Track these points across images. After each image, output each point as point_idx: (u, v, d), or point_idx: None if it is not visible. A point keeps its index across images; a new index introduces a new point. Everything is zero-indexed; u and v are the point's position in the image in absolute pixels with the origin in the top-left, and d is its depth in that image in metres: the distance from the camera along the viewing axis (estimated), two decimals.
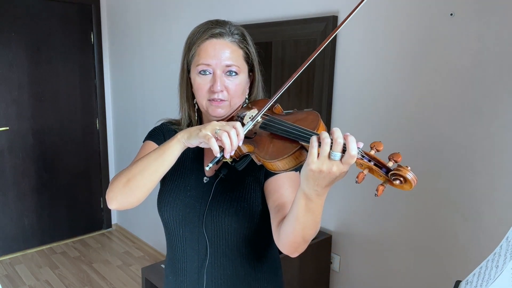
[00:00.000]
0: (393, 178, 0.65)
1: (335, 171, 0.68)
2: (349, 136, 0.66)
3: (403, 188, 0.66)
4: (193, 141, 0.84)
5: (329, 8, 1.93)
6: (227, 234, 0.99)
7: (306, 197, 0.74)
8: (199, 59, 0.96)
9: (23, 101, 3.29)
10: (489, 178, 1.50)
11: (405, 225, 1.78)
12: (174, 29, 2.90)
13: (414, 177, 0.64)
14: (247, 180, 1.00)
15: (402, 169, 0.65)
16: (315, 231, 0.82)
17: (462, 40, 1.51)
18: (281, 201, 0.92)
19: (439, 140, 1.62)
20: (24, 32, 3.21)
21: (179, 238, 1.05)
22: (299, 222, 0.78)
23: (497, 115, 1.46)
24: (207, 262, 1.02)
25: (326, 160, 0.67)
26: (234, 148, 0.79)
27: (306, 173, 0.70)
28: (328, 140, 0.67)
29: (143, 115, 3.38)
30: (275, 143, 0.81)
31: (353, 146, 0.66)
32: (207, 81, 0.97)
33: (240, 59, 0.99)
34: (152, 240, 3.53)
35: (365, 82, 1.84)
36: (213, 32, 0.96)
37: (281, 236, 0.85)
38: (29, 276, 3.08)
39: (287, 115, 0.90)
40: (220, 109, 0.98)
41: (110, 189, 0.94)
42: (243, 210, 0.98)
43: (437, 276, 1.69)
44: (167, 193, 1.04)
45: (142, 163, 0.90)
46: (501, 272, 0.64)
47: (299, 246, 0.84)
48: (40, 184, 3.47)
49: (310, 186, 0.71)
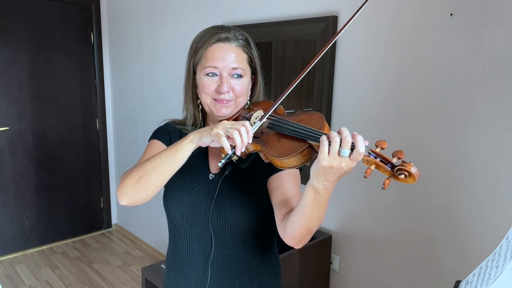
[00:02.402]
0: (398, 173, 0.72)
1: (344, 167, 0.75)
2: (357, 135, 0.73)
3: (406, 182, 0.72)
4: (205, 139, 0.89)
5: (329, 8, 1.93)
6: (232, 227, 1.05)
7: (315, 191, 0.80)
8: (206, 62, 1.02)
9: (23, 101, 3.29)
10: (489, 178, 1.50)
11: (405, 225, 1.78)
12: (174, 29, 2.90)
13: (417, 171, 0.71)
14: (251, 176, 1.06)
15: (407, 164, 0.71)
16: (320, 223, 0.88)
17: (462, 40, 1.51)
18: (284, 196, 0.98)
19: (439, 140, 1.62)
20: (24, 32, 3.21)
21: (185, 233, 1.10)
22: (306, 214, 0.84)
23: (497, 115, 1.46)
24: (211, 254, 1.07)
25: (336, 157, 0.74)
26: (244, 146, 0.84)
27: (317, 169, 0.76)
28: (337, 138, 0.73)
29: (143, 115, 3.38)
30: (283, 142, 0.87)
31: (361, 144, 0.72)
32: (214, 82, 1.03)
33: (245, 63, 1.05)
34: (152, 240, 3.53)
35: (365, 82, 1.84)
36: (220, 36, 1.02)
37: (287, 228, 0.91)
38: (29, 276, 3.08)
39: (291, 116, 0.96)
40: (225, 109, 1.04)
41: (121, 186, 0.97)
42: (247, 204, 1.03)
43: (437, 276, 1.69)
44: (174, 189, 1.09)
45: (154, 161, 0.95)
46: (501, 272, 0.64)
47: (304, 237, 0.90)
48: (40, 184, 3.47)
49: (320, 181, 0.78)
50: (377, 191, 1.86)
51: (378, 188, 1.83)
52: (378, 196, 1.86)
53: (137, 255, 3.45)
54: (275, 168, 1.00)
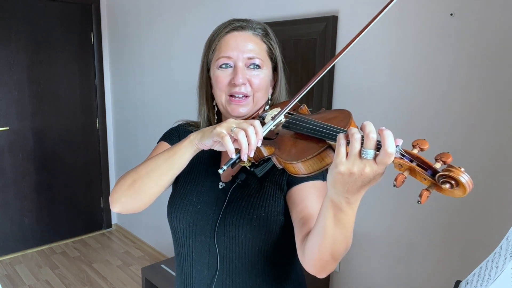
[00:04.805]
0: (441, 181, 0.55)
1: (368, 173, 0.57)
2: (384, 131, 0.55)
3: (453, 194, 0.56)
4: (206, 141, 0.75)
5: (329, 8, 1.93)
6: (241, 247, 0.88)
7: (335, 206, 0.64)
8: (220, 52, 0.89)
9: (23, 101, 3.29)
10: (489, 177, 1.50)
11: (405, 225, 1.78)
12: (173, 29, 2.90)
13: (469, 180, 0.54)
14: (267, 186, 0.90)
15: (454, 169, 0.54)
16: (346, 248, 0.70)
17: (462, 40, 1.51)
18: (306, 213, 0.81)
19: (438, 140, 1.62)
20: (24, 32, 3.21)
21: (188, 250, 0.94)
22: (327, 236, 0.67)
23: (497, 115, 1.46)
24: (215, 279, 0.90)
25: (357, 159, 0.57)
26: (252, 149, 0.70)
27: (333, 176, 0.60)
28: (358, 135, 0.57)
29: (143, 115, 3.38)
30: (298, 144, 0.72)
31: (390, 142, 0.54)
32: (228, 74, 0.88)
33: (263, 53, 0.92)
34: (152, 240, 3.53)
35: (365, 82, 1.84)
36: (234, 25, 0.90)
37: (306, 253, 0.74)
38: (29, 276, 3.08)
39: (314, 115, 0.82)
40: (242, 108, 0.89)
41: (114, 190, 0.87)
42: (259, 219, 0.86)
43: (437, 276, 1.69)
44: (178, 198, 0.95)
45: (150, 164, 0.83)
46: (501, 272, 0.64)
47: (327, 264, 0.72)
48: (40, 184, 3.47)
49: (339, 192, 0.61)
50: (378, 190, 1.85)
51: (379, 187, 1.83)
52: (378, 196, 1.86)
53: (137, 255, 3.45)
54: (296, 178, 0.85)
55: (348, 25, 1.88)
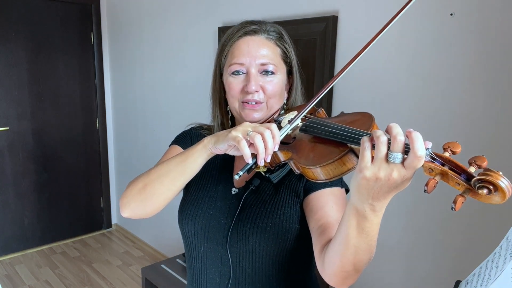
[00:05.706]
0: (478, 186, 0.51)
1: (395, 178, 0.54)
2: (412, 132, 0.52)
3: (490, 201, 0.52)
4: (221, 145, 0.73)
5: (329, 8, 1.93)
6: (254, 255, 0.85)
7: (359, 214, 0.60)
8: (232, 58, 0.87)
9: (23, 101, 3.29)
10: None
11: (405, 224, 1.78)
12: (174, 29, 2.90)
13: (510, 185, 0.50)
14: (283, 193, 0.87)
15: (493, 173, 0.50)
16: (370, 258, 0.67)
17: (462, 40, 1.51)
18: (325, 221, 0.78)
19: (437, 140, 1.62)
20: (24, 32, 3.21)
21: (200, 257, 0.92)
22: (350, 246, 0.63)
23: (497, 115, 1.46)
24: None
25: (384, 163, 0.54)
26: (269, 154, 0.68)
27: (358, 182, 0.57)
28: (384, 138, 0.54)
29: (143, 115, 3.38)
30: (317, 148, 0.69)
31: (420, 144, 0.52)
32: (240, 81, 0.86)
33: (277, 58, 0.89)
34: (152, 240, 3.53)
35: (365, 82, 1.84)
36: (246, 29, 0.87)
37: (326, 263, 0.70)
38: (29, 276, 3.08)
39: (333, 118, 0.79)
40: (256, 113, 0.86)
41: (124, 195, 0.84)
42: (274, 226, 0.83)
43: (437, 276, 1.69)
44: (189, 204, 0.93)
45: (162, 168, 0.81)
46: (501, 272, 0.64)
47: (349, 276, 0.68)
48: (40, 184, 3.47)
49: (363, 199, 0.58)
50: None
51: None
52: None
53: (137, 255, 3.45)
54: (314, 184, 0.83)
55: (348, 25, 1.88)
